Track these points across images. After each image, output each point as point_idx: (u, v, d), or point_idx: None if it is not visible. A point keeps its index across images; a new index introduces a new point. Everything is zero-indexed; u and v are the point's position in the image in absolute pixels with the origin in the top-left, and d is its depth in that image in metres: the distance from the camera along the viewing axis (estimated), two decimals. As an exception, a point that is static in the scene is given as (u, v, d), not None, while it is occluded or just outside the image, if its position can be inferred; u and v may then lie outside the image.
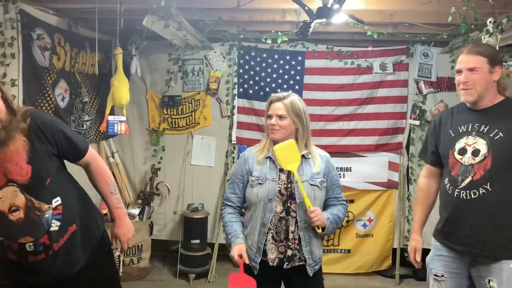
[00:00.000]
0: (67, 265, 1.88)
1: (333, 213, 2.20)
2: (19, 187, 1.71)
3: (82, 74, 3.70)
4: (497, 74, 2.02)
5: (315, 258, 2.18)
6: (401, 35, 4.03)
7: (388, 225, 4.45)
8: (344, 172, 4.44)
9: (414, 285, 4.21)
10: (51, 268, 1.83)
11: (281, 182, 2.16)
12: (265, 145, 2.25)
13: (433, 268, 2.22)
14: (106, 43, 4.04)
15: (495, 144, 1.99)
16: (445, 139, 2.17)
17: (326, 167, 2.23)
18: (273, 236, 2.16)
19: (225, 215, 2.26)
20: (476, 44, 2.14)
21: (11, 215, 1.71)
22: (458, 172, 2.07)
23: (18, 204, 1.71)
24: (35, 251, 1.76)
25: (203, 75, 4.48)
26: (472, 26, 3.50)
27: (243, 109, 4.50)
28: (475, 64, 2.01)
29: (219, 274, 4.29)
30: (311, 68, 4.42)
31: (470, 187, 2.02)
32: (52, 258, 1.82)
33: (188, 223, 4.19)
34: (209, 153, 4.56)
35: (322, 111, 4.40)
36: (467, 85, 2.04)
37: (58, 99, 3.32)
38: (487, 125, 2.03)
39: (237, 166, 2.31)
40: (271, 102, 2.23)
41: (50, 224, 1.78)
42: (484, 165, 2.00)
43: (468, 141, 2.06)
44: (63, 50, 3.37)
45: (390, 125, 4.40)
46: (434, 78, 4.33)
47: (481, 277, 2.05)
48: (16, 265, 1.82)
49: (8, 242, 1.75)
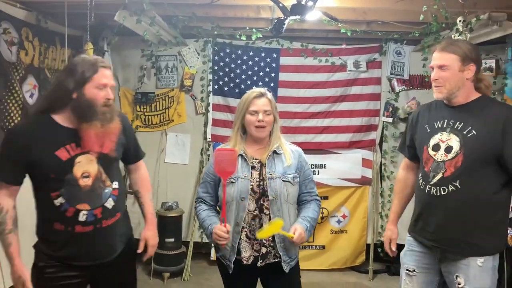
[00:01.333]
0: (105, 249, 2.00)
1: (309, 217, 2.18)
2: (97, 158, 1.92)
3: (52, 70, 3.60)
4: (469, 72, 1.99)
5: (290, 254, 2.17)
6: (374, 33, 4.08)
7: (362, 221, 4.51)
8: (318, 169, 4.47)
9: (387, 280, 4.28)
10: (92, 246, 1.95)
11: (253, 179, 2.15)
12: (235, 144, 2.20)
13: (405, 263, 2.24)
14: (76, 38, 3.94)
15: (467, 142, 1.98)
16: (421, 134, 2.17)
17: (298, 162, 2.22)
18: (247, 235, 2.14)
19: (201, 212, 2.22)
20: (451, 41, 2.12)
21: (82, 180, 1.89)
22: (430, 168, 2.08)
23: (90, 171, 1.91)
24: (86, 222, 1.91)
25: (177, 71, 4.43)
26: (443, 25, 3.56)
27: (218, 106, 4.47)
28: (445, 62, 2.00)
29: (194, 272, 4.26)
30: (286, 66, 4.42)
31: (440, 183, 2.04)
32: (97, 235, 1.94)
33: (162, 221, 4.14)
34: (183, 151, 4.52)
35: (297, 108, 4.41)
36: (437, 83, 2.04)
37: (26, 96, 3.23)
38: (462, 122, 2.02)
39: (208, 165, 2.27)
40: (254, 98, 2.17)
41: (106, 200, 1.96)
42: (455, 162, 2.00)
43: (442, 137, 2.06)
44: (32, 45, 3.27)
45: (364, 123, 4.45)
46: (407, 76, 4.39)
47: (450, 272, 2.08)
48: (59, 240, 1.92)
49: (67, 207, 1.87)
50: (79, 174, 1.88)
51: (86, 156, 1.90)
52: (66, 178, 1.87)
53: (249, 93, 2.21)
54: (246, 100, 2.18)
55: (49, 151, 1.85)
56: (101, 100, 1.87)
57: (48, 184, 1.87)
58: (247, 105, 2.17)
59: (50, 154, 1.85)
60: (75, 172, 1.88)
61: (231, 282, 2.25)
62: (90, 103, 1.85)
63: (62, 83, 1.87)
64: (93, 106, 1.86)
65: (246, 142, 2.22)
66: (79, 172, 1.89)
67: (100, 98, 1.87)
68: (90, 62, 1.87)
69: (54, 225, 1.91)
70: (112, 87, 1.94)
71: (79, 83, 1.84)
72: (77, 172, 1.88)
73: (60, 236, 1.91)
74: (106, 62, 1.95)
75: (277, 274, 2.17)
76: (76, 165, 1.88)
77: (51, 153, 1.85)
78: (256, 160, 2.19)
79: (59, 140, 1.87)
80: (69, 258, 1.94)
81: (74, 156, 1.88)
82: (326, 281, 4.26)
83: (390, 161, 4.47)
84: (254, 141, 2.22)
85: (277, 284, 2.22)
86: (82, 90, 1.84)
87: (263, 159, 2.18)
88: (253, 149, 2.22)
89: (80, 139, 1.88)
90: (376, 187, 4.50)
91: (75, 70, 1.85)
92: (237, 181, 2.13)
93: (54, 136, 1.87)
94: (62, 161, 1.86)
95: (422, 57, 4.15)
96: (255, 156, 2.20)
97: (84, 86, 1.84)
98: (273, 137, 2.21)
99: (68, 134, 1.88)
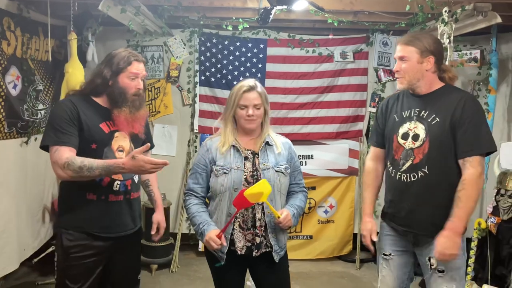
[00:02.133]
0: (131, 221, 2.26)
1: (296, 205, 2.21)
2: (129, 136, 2.22)
3: (35, 61, 3.53)
4: (428, 64, 2.09)
5: (280, 244, 2.19)
6: (361, 23, 4.08)
7: (348, 211, 4.55)
8: (306, 159, 4.48)
9: (374, 269, 4.33)
10: (121, 216, 2.20)
11: (246, 170, 2.15)
12: (226, 136, 2.19)
13: (381, 248, 2.32)
14: (60, 28, 3.86)
15: (432, 129, 2.08)
16: (390, 123, 2.25)
17: (289, 154, 2.24)
18: (240, 225, 2.14)
19: (191, 206, 2.20)
20: (413, 34, 2.21)
21: (117, 153, 2.16)
22: (400, 156, 2.15)
23: (124, 147, 2.19)
24: (119, 191, 2.17)
25: (163, 62, 4.39)
26: (429, 15, 3.58)
27: (205, 97, 4.44)
28: (404, 54, 2.11)
29: (182, 264, 4.26)
30: (273, 56, 4.41)
31: (410, 170, 2.12)
32: (126, 205, 2.21)
33: (150, 213, 4.09)
34: (170, 142, 4.49)
35: (284, 99, 4.41)
36: (398, 74, 2.15)
37: (9, 87, 3.16)
38: (426, 110, 2.11)
39: (199, 156, 2.26)
40: (244, 92, 2.15)
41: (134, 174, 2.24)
42: (423, 149, 2.09)
43: (410, 126, 2.15)
44: (14, 35, 3.20)
45: (351, 113, 4.47)
46: (393, 67, 4.38)
47: (422, 255, 2.16)
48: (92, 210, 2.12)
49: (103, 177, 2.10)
50: (115, 148, 2.16)
51: (121, 133, 2.19)
52: (105, 150, 2.12)
53: (239, 86, 2.18)
54: (237, 94, 2.16)
55: (94, 122, 2.12)
56: (132, 90, 2.16)
57: (88, 154, 2.06)
58: (238, 99, 2.15)
59: (96, 125, 2.12)
60: (113, 144, 2.15)
61: (221, 273, 2.24)
62: (122, 91, 2.14)
63: (102, 72, 2.15)
64: (125, 94, 2.14)
65: (238, 133, 2.22)
66: (116, 145, 2.16)
67: (131, 87, 2.15)
68: (125, 55, 2.15)
69: (86, 195, 2.12)
70: (144, 77, 2.21)
71: (115, 72, 2.13)
72: (114, 145, 2.16)
73: (93, 206, 2.13)
74: (140, 56, 2.21)
75: (267, 263, 2.19)
76: (114, 139, 2.16)
77: (97, 125, 2.13)
78: (249, 150, 2.19)
79: (101, 115, 2.16)
80: (101, 228, 2.14)
81: (113, 131, 2.16)
82: (313, 270, 4.30)
83: (376, 151, 4.50)
84: (246, 133, 2.22)
85: (268, 273, 2.23)
86: (116, 79, 2.14)
87: (256, 150, 2.18)
88: (245, 140, 2.22)
89: (113, 120, 2.17)
90: (362, 177, 4.53)
91: (112, 61, 2.15)
92: (230, 172, 2.13)
93: (97, 112, 2.16)
94: (105, 132, 2.14)
95: (408, 48, 4.16)
96: (247, 147, 2.20)
97: (118, 76, 2.13)
98: (264, 127, 2.22)
99: (107, 113, 2.17)
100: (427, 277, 2.17)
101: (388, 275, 2.29)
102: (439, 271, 2.10)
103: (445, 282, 2.10)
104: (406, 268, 2.28)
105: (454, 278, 2.10)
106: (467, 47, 4.12)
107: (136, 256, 2.40)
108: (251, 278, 2.34)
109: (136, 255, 2.40)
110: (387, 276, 2.30)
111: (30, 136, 3.38)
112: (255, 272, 2.28)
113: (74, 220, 2.14)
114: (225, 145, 2.17)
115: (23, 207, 3.35)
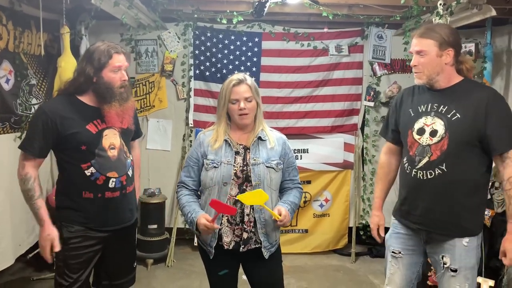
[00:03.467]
0: (128, 214, 2.30)
1: (290, 201, 2.18)
2: (119, 132, 2.21)
3: (28, 55, 3.50)
4: (448, 57, 2.01)
5: (271, 241, 2.18)
6: (356, 16, 4.07)
7: (344, 205, 4.55)
8: (301, 153, 4.48)
9: (369, 262, 4.35)
10: (119, 210, 2.24)
11: (237, 164, 2.14)
12: (219, 132, 2.18)
13: (391, 245, 2.28)
14: (53, 22, 3.82)
15: (452, 125, 2.00)
16: (405, 118, 2.18)
17: (282, 149, 2.22)
18: (228, 220, 2.14)
19: (182, 197, 2.20)
20: (429, 26, 2.12)
21: (109, 151, 2.17)
22: (416, 152, 2.09)
23: (115, 144, 2.20)
24: (115, 188, 2.19)
25: (157, 56, 4.36)
26: (424, 8, 3.57)
27: (200, 91, 4.42)
28: (422, 47, 2.02)
29: (178, 258, 4.26)
30: (268, 50, 4.39)
31: (426, 167, 2.05)
32: (123, 199, 2.24)
33: (145, 208, 4.11)
34: (165, 137, 4.47)
35: (279, 93, 4.40)
36: (416, 69, 2.06)
37: (2, 81, 3.13)
38: (446, 106, 2.04)
39: (192, 149, 2.26)
40: (234, 86, 2.13)
41: (128, 168, 2.27)
42: (441, 145, 2.02)
43: (426, 121, 2.07)
44: (6, 29, 3.16)
45: (346, 107, 4.47)
46: (388, 60, 4.41)
47: (435, 253, 2.13)
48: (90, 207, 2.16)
49: (97, 176, 2.14)
50: (107, 146, 2.16)
51: (110, 130, 2.19)
52: (96, 150, 2.13)
53: (228, 81, 2.17)
54: (226, 89, 2.15)
55: (81, 125, 2.12)
56: (117, 83, 2.15)
57: (79, 156, 2.12)
58: (228, 94, 2.14)
59: (82, 128, 2.12)
60: (103, 143, 2.15)
61: (213, 268, 2.25)
62: (108, 86, 2.13)
63: (84, 69, 2.13)
64: (111, 88, 2.13)
65: (231, 129, 2.21)
66: (107, 144, 2.17)
67: (116, 80, 2.14)
68: (104, 49, 2.11)
69: (83, 194, 2.15)
70: (126, 68, 2.20)
71: (97, 69, 2.11)
72: (105, 144, 2.16)
73: (90, 204, 2.16)
74: (118, 47, 2.18)
75: (258, 259, 2.18)
76: (104, 138, 2.16)
77: (83, 127, 2.12)
78: (241, 145, 2.18)
79: (87, 116, 2.15)
80: (99, 223, 2.19)
81: (101, 130, 2.16)
82: (309, 264, 4.31)
83: (371, 145, 4.51)
84: (239, 128, 2.21)
85: (258, 269, 2.23)
86: (100, 75, 2.12)
87: (248, 144, 2.17)
88: (238, 134, 2.21)
89: (103, 116, 2.16)
90: (358, 171, 4.54)
91: (92, 57, 2.12)
92: (220, 166, 2.13)
93: (83, 113, 2.15)
94: (92, 133, 2.13)
95: (403, 41, 4.16)
96: (239, 142, 2.19)
97: (102, 71, 2.11)
98: (257, 122, 2.21)
99: (93, 111, 2.16)
100: (439, 276, 2.13)
101: (397, 273, 2.25)
102: (452, 270, 2.06)
103: (457, 281, 2.05)
104: (415, 267, 2.24)
105: (468, 278, 2.05)
106: (462, 41, 4.09)
107: (131, 245, 2.45)
108: None
109: (131, 244, 2.45)
110: (396, 274, 2.26)
111: (23, 131, 3.35)
112: (246, 267, 2.28)
113: (73, 216, 2.17)
114: (217, 142, 2.16)
115: (18, 202, 3.32)
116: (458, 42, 2.05)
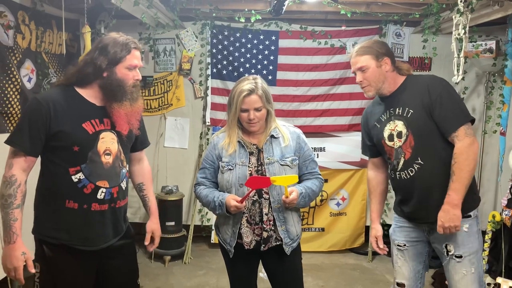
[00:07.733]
0: (115, 230, 2.00)
1: (307, 186, 2.17)
2: (118, 137, 1.96)
3: (49, 54, 3.57)
4: (387, 65, 2.15)
5: (292, 236, 2.19)
6: (374, 14, 4.04)
7: (361, 204, 4.53)
8: (318, 152, 4.47)
9: (386, 262, 4.32)
10: (104, 226, 1.95)
11: (251, 165, 2.15)
12: (231, 137, 2.18)
13: (395, 239, 2.34)
14: (73, 22, 3.89)
15: (411, 122, 2.11)
16: (374, 131, 2.28)
17: (297, 144, 2.21)
18: (247, 220, 2.15)
19: (202, 191, 2.21)
20: (360, 45, 2.23)
21: (104, 157, 1.90)
22: (393, 156, 2.19)
23: (112, 150, 1.93)
24: (103, 200, 1.91)
25: (175, 55, 4.40)
26: (444, 6, 3.53)
27: (217, 90, 4.45)
28: (362, 64, 2.15)
29: (195, 255, 4.30)
30: (285, 48, 4.39)
31: (405, 166, 2.14)
32: (110, 215, 1.96)
33: (163, 205, 4.15)
34: (182, 135, 4.51)
35: (296, 91, 4.40)
36: (363, 83, 2.18)
37: (24, 80, 3.20)
38: (399, 107, 2.15)
39: (207, 151, 2.27)
40: (244, 97, 2.10)
41: (122, 179, 1.99)
42: (409, 143, 2.12)
43: (391, 127, 2.19)
44: (28, 28, 3.23)
45: (363, 105, 4.43)
46: (406, 58, 4.37)
47: (439, 242, 2.17)
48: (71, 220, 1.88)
49: (85, 183, 1.87)
50: (102, 151, 1.90)
51: (108, 133, 1.93)
52: (89, 153, 1.86)
53: (239, 91, 2.12)
54: (237, 99, 2.11)
55: (76, 122, 1.85)
56: (130, 81, 1.91)
57: (69, 158, 1.85)
58: (239, 104, 2.11)
59: (78, 125, 1.85)
60: (99, 147, 1.89)
61: (233, 265, 2.28)
62: (120, 83, 1.89)
63: (94, 61, 1.87)
64: (123, 86, 1.89)
65: (243, 131, 2.22)
66: (102, 148, 1.90)
67: (129, 78, 1.91)
68: (123, 42, 1.88)
69: (66, 203, 1.86)
70: (141, 67, 1.98)
71: (111, 62, 1.87)
72: (100, 148, 1.89)
73: (72, 216, 1.87)
74: (137, 43, 1.95)
75: (279, 256, 2.20)
76: (100, 141, 1.90)
77: (79, 125, 1.86)
78: (254, 146, 2.19)
79: (85, 113, 1.89)
80: (80, 240, 1.90)
81: (98, 131, 1.90)
82: (325, 262, 4.30)
83: (389, 143, 4.47)
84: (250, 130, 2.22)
85: (280, 266, 2.24)
86: (113, 70, 1.87)
87: (260, 145, 2.18)
88: (250, 135, 2.22)
89: (104, 117, 1.92)
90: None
91: (106, 49, 1.87)
92: (235, 168, 2.14)
93: (81, 109, 1.88)
94: (88, 133, 1.87)
95: (422, 39, 4.12)
96: (253, 142, 2.20)
97: (116, 66, 1.87)
98: (268, 123, 2.20)
99: (93, 109, 1.91)
100: (445, 264, 2.18)
101: (404, 266, 2.31)
102: (457, 256, 2.11)
103: (463, 267, 2.11)
104: (421, 257, 2.29)
105: (473, 262, 2.11)
106: (482, 38, 4.06)
107: (131, 258, 2.14)
108: (264, 270, 2.35)
109: (131, 258, 2.14)
110: (403, 267, 2.31)
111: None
112: (267, 264, 2.29)
113: (51, 230, 1.89)
114: (231, 146, 2.17)
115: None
116: (390, 51, 2.21)
